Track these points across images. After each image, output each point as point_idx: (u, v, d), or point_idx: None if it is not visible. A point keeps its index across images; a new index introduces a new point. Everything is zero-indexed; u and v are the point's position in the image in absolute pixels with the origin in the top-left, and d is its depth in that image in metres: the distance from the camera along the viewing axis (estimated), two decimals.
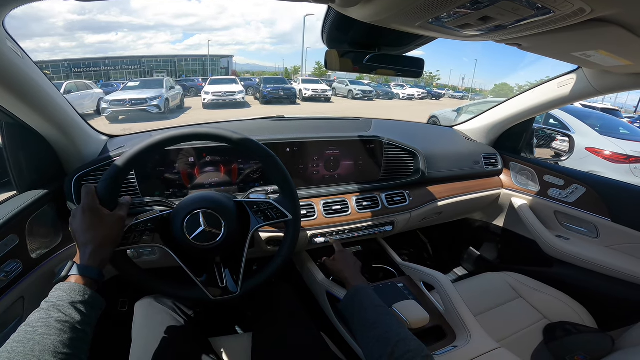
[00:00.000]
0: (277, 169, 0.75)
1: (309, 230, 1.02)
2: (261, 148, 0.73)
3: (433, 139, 1.46)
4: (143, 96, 8.91)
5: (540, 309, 1.07)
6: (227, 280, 0.72)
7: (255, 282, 0.74)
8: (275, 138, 1.02)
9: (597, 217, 1.17)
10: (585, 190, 1.20)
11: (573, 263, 1.19)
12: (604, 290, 1.12)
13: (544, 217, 1.35)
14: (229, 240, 0.69)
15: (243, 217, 0.74)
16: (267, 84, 13.36)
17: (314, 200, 1.05)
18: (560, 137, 1.77)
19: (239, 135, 0.71)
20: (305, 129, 1.15)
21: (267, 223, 0.74)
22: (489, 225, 1.62)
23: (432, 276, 0.99)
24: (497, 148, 1.51)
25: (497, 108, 1.44)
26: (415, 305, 0.87)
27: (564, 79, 1.11)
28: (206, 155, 0.96)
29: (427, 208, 1.23)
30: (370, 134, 1.18)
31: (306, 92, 14.40)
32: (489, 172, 1.44)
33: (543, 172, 1.35)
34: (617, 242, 1.14)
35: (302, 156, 1.06)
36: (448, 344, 0.82)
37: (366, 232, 1.12)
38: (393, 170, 1.22)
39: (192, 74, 32.61)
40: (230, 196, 0.77)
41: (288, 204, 0.75)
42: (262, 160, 0.75)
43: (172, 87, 10.46)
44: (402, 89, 21.71)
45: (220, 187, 1.00)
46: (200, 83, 16.18)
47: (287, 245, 0.76)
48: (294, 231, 0.76)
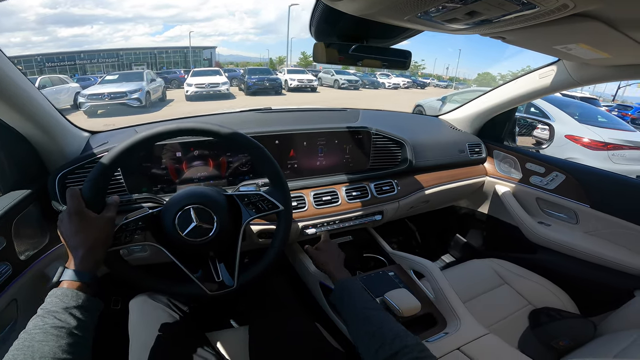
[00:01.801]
0: (266, 161, 0.75)
1: (300, 222, 1.03)
2: (250, 141, 0.73)
3: (419, 128, 1.48)
4: (122, 89, 8.64)
5: (525, 295, 1.10)
6: (223, 274, 0.72)
7: (252, 274, 0.75)
8: (263, 131, 1.01)
9: (576, 204, 1.21)
10: (564, 178, 1.24)
11: (554, 249, 1.24)
12: (584, 276, 1.16)
13: (526, 204, 1.39)
14: (222, 234, 0.70)
15: (234, 210, 0.74)
16: (251, 75, 13.15)
17: (304, 192, 1.06)
18: (540, 126, 1.82)
19: (227, 130, 0.71)
20: (293, 121, 1.14)
21: (259, 215, 0.75)
22: (474, 212, 1.67)
23: (421, 264, 1.02)
24: (481, 137, 1.55)
25: (481, 98, 1.47)
26: (406, 294, 0.90)
27: (545, 70, 1.13)
28: (194, 149, 0.95)
29: (415, 196, 1.26)
30: (358, 124, 1.19)
31: (292, 82, 14.30)
32: (473, 160, 1.48)
33: (525, 159, 1.39)
34: (596, 228, 1.18)
35: (291, 148, 1.06)
36: (439, 331, 0.84)
37: (356, 221, 1.14)
38: (381, 160, 1.23)
39: (174, 65, 31.56)
40: (220, 190, 0.77)
41: (279, 195, 0.76)
42: (251, 153, 0.75)
43: (152, 80, 10.18)
44: (388, 78, 21.85)
45: (209, 181, 0.99)
46: (182, 75, 15.75)
47: (280, 235, 0.77)
48: (286, 221, 0.77)
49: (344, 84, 16.90)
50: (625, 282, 1.08)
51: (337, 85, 17.01)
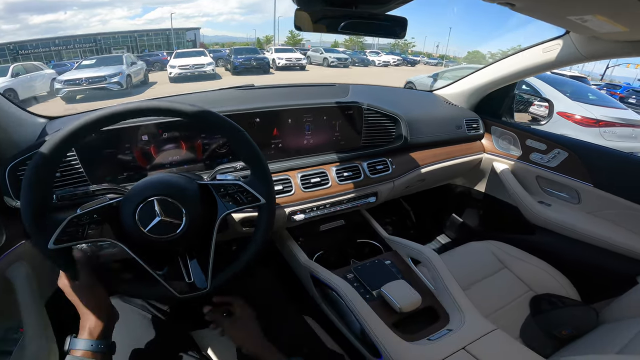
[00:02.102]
0: (244, 145, 0.64)
1: (287, 207, 0.94)
2: (224, 121, 0.62)
3: (414, 103, 1.40)
4: (101, 74, 8.33)
5: (525, 279, 1.07)
6: (195, 274, 0.63)
7: (227, 274, 0.67)
8: (244, 108, 0.90)
9: (579, 183, 1.15)
10: (567, 155, 1.18)
11: (555, 230, 1.19)
12: (585, 260, 1.12)
13: (525, 182, 1.33)
14: (193, 229, 0.60)
15: (209, 202, 0.64)
16: (237, 55, 12.75)
17: (291, 174, 0.97)
18: (537, 102, 1.78)
19: (194, 108, 0.59)
20: (278, 97, 1.04)
21: (237, 208, 0.65)
22: (470, 191, 1.61)
23: (419, 251, 0.95)
24: (478, 112, 1.48)
25: (478, 72, 1.39)
26: (405, 287, 0.83)
27: (550, 44, 1.06)
28: (163, 131, 0.83)
29: (410, 175, 1.18)
30: (349, 99, 1.09)
31: (280, 61, 14.04)
32: (471, 136, 1.41)
33: (525, 136, 1.32)
34: (598, 209, 1.13)
35: (274, 126, 0.95)
36: (442, 327, 0.78)
37: (349, 205, 1.06)
38: (374, 137, 1.14)
39: (156, 48, 30.32)
40: (193, 177, 0.67)
41: (260, 185, 0.66)
42: (225, 134, 0.65)
43: (133, 63, 9.85)
44: (378, 56, 21.54)
45: (183, 165, 0.88)
46: (165, 57, 15.16)
47: (261, 232, 0.68)
48: (268, 216, 0.67)
49: (333, 62, 16.73)
50: (628, 267, 1.04)
51: (327, 63, 16.85)
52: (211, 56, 12.37)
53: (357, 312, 0.77)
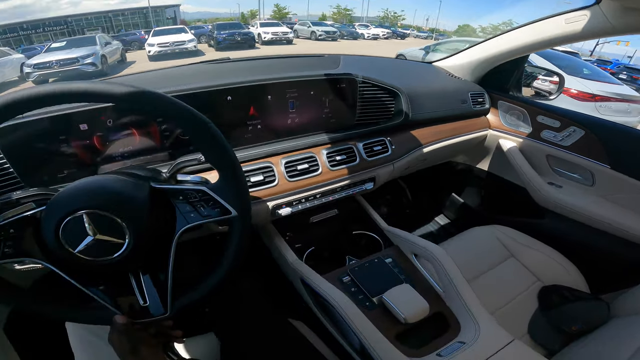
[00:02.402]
0: (207, 140, 0.47)
1: (270, 201, 0.79)
2: (174, 106, 0.45)
3: (413, 75, 1.26)
4: (73, 55, 7.91)
5: (533, 269, 0.99)
6: (150, 296, 0.50)
7: (191, 298, 0.54)
8: (212, 85, 0.73)
9: (594, 163, 1.05)
10: (583, 133, 1.07)
11: (565, 214, 1.10)
12: (596, 247, 1.04)
13: (534, 161, 1.22)
14: (142, 248, 0.47)
15: (164, 212, 0.50)
16: (220, 30, 12.09)
17: (273, 160, 0.81)
18: (542, 76, 1.66)
19: (127, 88, 0.42)
20: (257, 71, 0.88)
21: (201, 222, 0.51)
22: (472, 169, 1.49)
23: (425, 249, 0.82)
24: (483, 86, 1.34)
25: (487, 42, 1.24)
26: (410, 293, 0.72)
27: (575, 15, 0.94)
28: (106, 117, 0.66)
29: (412, 156, 1.05)
30: (340, 71, 0.93)
31: (265, 35, 13.51)
32: (476, 111, 1.27)
33: (536, 112, 1.20)
34: (614, 192, 1.04)
35: (250, 105, 0.79)
36: (452, 338, 0.68)
37: (342, 193, 0.92)
38: (370, 114, 0.99)
39: (133, 27, 28.68)
40: (144, 178, 0.51)
41: (231, 192, 0.50)
42: (181, 125, 0.49)
43: (107, 43, 9.32)
44: (367, 29, 21.09)
45: (139, 157, 0.72)
46: (143, 36, 14.38)
47: (233, 251, 0.53)
48: (242, 232, 0.53)
49: (321, 36, 16.32)
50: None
51: (314, 36, 16.44)
52: (192, 33, 11.81)
53: (355, 327, 0.65)
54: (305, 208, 0.87)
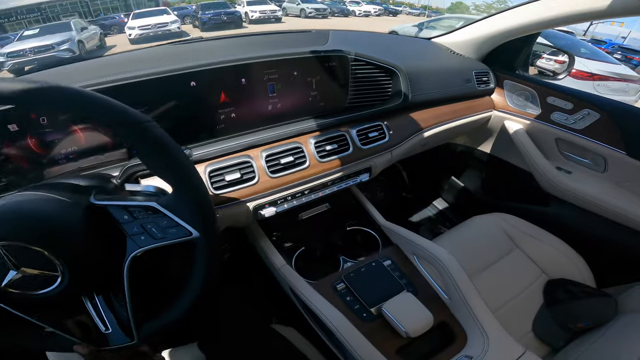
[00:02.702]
0: (146, 144, 0.37)
1: (251, 201, 0.69)
2: (93, 104, 0.35)
3: (412, 53, 1.13)
4: (47, 42, 7.65)
5: (539, 261, 0.93)
6: (110, 322, 0.43)
7: (159, 324, 0.45)
8: (169, 69, 0.60)
9: (608, 148, 0.96)
10: (598, 117, 0.98)
11: (573, 202, 1.03)
12: (605, 238, 0.98)
13: (541, 145, 1.13)
14: (85, 278, 0.40)
15: (110, 234, 0.41)
16: (205, 10, 11.60)
17: (252, 153, 0.70)
18: (546, 55, 1.55)
19: (22, 85, 0.31)
20: (231, 50, 0.74)
21: (155, 245, 0.41)
22: (473, 151, 1.40)
23: (429, 252, 0.73)
24: (487, 64, 1.23)
25: (495, 17, 1.12)
26: (413, 303, 0.64)
27: None
28: (37, 115, 0.54)
29: (412, 142, 0.94)
30: (329, 47, 0.80)
31: (253, 14, 13.17)
32: (480, 91, 1.16)
33: (546, 93, 1.10)
34: (628, 179, 0.96)
35: (221, 90, 0.66)
36: (458, 351, 0.60)
37: (334, 188, 0.82)
38: (364, 96, 0.87)
39: (112, 11, 27.44)
40: (81, 192, 0.41)
41: (188, 208, 0.40)
42: (117, 130, 0.37)
43: (84, 28, 8.94)
44: (358, 6, 20.58)
45: (90, 157, 0.60)
46: (122, 20, 13.83)
47: (200, 276, 0.44)
48: (208, 255, 0.43)
49: (311, 13, 15.86)
50: None
51: (304, 14, 16.00)
52: (175, 14, 11.35)
53: (350, 347, 0.56)
54: (292, 206, 0.76)
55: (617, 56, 10.57)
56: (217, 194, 0.64)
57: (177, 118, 0.63)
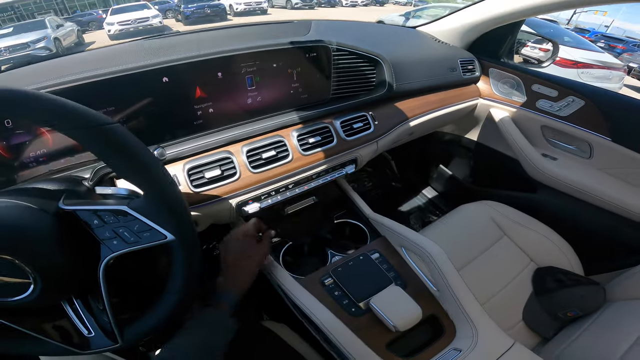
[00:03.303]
0: (108, 147, 0.36)
1: (233, 198, 0.66)
2: (43, 108, 0.34)
3: (396, 41, 1.12)
4: (23, 41, 7.49)
5: (527, 250, 0.94)
6: (91, 324, 0.43)
7: (143, 327, 0.44)
8: (138, 66, 0.57)
9: (593, 135, 0.96)
10: (583, 104, 0.98)
11: (559, 189, 1.04)
12: (591, 224, 0.99)
13: (527, 132, 1.14)
14: (60, 283, 0.38)
15: (83, 238, 0.39)
16: (187, 4, 11.32)
17: (233, 148, 0.68)
18: (531, 43, 1.56)
19: None
20: (208, 43, 0.70)
21: (128, 249, 0.40)
22: (460, 139, 1.40)
23: (417, 244, 0.71)
24: (472, 52, 1.22)
25: (479, 5, 1.11)
26: (401, 297, 0.62)
27: None
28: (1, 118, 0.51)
29: (397, 132, 0.93)
30: (310, 38, 0.78)
31: (238, 6, 12.93)
32: (466, 79, 1.16)
33: (532, 80, 1.10)
34: (613, 165, 0.96)
35: (196, 85, 0.63)
36: (448, 343, 0.60)
37: (319, 181, 0.80)
38: (348, 86, 0.85)
39: (90, 7, 26.52)
40: (50, 197, 0.40)
41: (160, 211, 0.39)
42: (67, 133, 0.35)
43: (60, 26, 8.74)
44: None
45: (60, 159, 0.58)
46: (100, 15, 13.42)
47: (179, 279, 0.43)
48: (186, 257, 0.42)
49: (297, 4, 15.71)
50: (638, 236, 0.90)
51: (290, 5, 15.84)
52: (156, 8, 11.06)
53: (340, 344, 0.55)
54: (277, 202, 0.75)
55: (600, 44, 10.80)
56: (197, 192, 0.62)
57: (151, 116, 0.60)
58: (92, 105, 0.54)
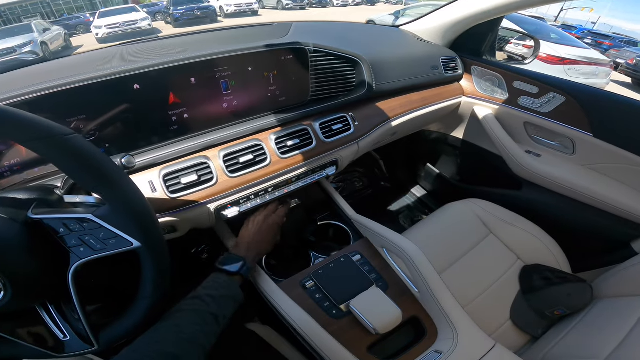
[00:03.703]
0: (65, 159, 0.36)
1: (211, 203, 0.66)
2: None
3: (377, 41, 1.11)
4: (8, 45, 7.36)
5: (514, 247, 0.94)
6: (66, 328, 0.44)
7: (118, 331, 0.46)
8: (107, 74, 0.56)
9: (575, 131, 0.97)
10: (564, 100, 0.99)
11: (543, 185, 1.04)
12: (576, 221, 0.99)
13: (511, 129, 1.14)
14: (30, 290, 0.40)
15: (52, 246, 0.41)
16: (177, 6, 11.18)
17: (210, 153, 0.67)
18: (514, 40, 1.57)
19: None
20: (183, 48, 0.69)
21: (95, 256, 0.41)
22: (447, 138, 1.40)
23: (395, 245, 0.72)
24: (454, 50, 1.23)
25: (458, 3, 1.11)
26: (381, 299, 0.62)
27: None
28: None
29: (378, 132, 0.93)
30: (286, 40, 0.78)
31: (228, 8, 12.82)
32: (449, 78, 1.16)
33: (513, 77, 1.10)
34: (596, 161, 0.97)
35: (169, 90, 0.62)
36: (429, 346, 0.60)
37: (299, 183, 0.80)
38: (327, 87, 0.85)
39: (78, 10, 26.19)
40: (20, 207, 0.42)
41: (125, 218, 0.40)
42: (25, 145, 0.35)
43: (47, 29, 8.58)
44: None
45: (34, 168, 0.57)
46: (88, 19, 13.21)
47: (149, 284, 0.44)
48: (154, 263, 0.43)
49: (288, 5, 15.62)
50: (623, 231, 0.91)
51: (281, 6, 15.73)
52: (145, 11, 10.95)
53: (317, 347, 0.56)
54: (257, 205, 0.74)
55: (587, 41, 10.93)
56: (173, 198, 0.62)
57: (124, 123, 0.60)
58: (62, 113, 0.54)
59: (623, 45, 10.33)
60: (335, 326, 0.62)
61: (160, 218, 0.61)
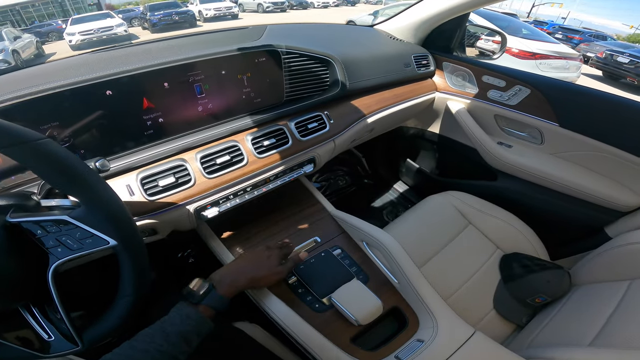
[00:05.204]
0: (38, 162, 0.37)
1: (190, 204, 0.67)
2: None
3: (350, 41, 1.14)
4: None
5: (492, 237, 0.97)
6: (50, 328, 0.45)
7: (100, 330, 0.47)
8: (82, 80, 0.56)
9: (542, 122, 1.02)
10: (529, 92, 1.03)
11: (516, 175, 1.09)
12: (550, 208, 1.03)
13: (483, 122, 1.19)
14: (11, 292, 0.41)
15: (31, 249, 0.42)
16: (154, 11, 11.02)
17: (187, 156, 0.68)
18: (484, 36, 1.64)
19: None
20: (156, 54, 0.70)
21: (73, 255, 0.42)
22: (424, 133, 1.45)
23: (372, 237, 0.74)
24: (426, 47, 1.27)
25: (426, 1, 1.15)
26: (361, 291, 0.65)
27: None
28: None
29: (354, 129, 0.96)
30: (259, 43, 0.79)
31: (207, 12, 12.66)
32: (421, 74, 1.20)
33: (481, 72, 1.15)
34: (563, 150, 1.01)
35: (142, 96, 0.63)
36: (411, 335, 0.62)
37: (277, 182, 0.81)
38: (301, 88, 0.87)
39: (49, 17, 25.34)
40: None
41: (100, 218, 0.41)
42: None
43: (17, 37, 8.33)
44: None
45: (11, 176, 0.57)
46: (60, 26, 12.81)
47: (129, 282, 0.45)
48: (132, 261, 0.44)
49: (269, 7, 15.65)
50: (595, 217, 0.95)
51: (262, 9, 15.74)
52: (120, 17, 10.67)
53: (302, 341, 0.57)
54: (237, 204, 0.76)
55: (558, 36, 11.29)
56: (152, 200, 0.62)
57: (99, 129, 0.60)
58: (35, 121, 0.54)
59: (592, 40, 10.71)
60: (318, 319, 0.63)
61: (140, 221, 0.62)
